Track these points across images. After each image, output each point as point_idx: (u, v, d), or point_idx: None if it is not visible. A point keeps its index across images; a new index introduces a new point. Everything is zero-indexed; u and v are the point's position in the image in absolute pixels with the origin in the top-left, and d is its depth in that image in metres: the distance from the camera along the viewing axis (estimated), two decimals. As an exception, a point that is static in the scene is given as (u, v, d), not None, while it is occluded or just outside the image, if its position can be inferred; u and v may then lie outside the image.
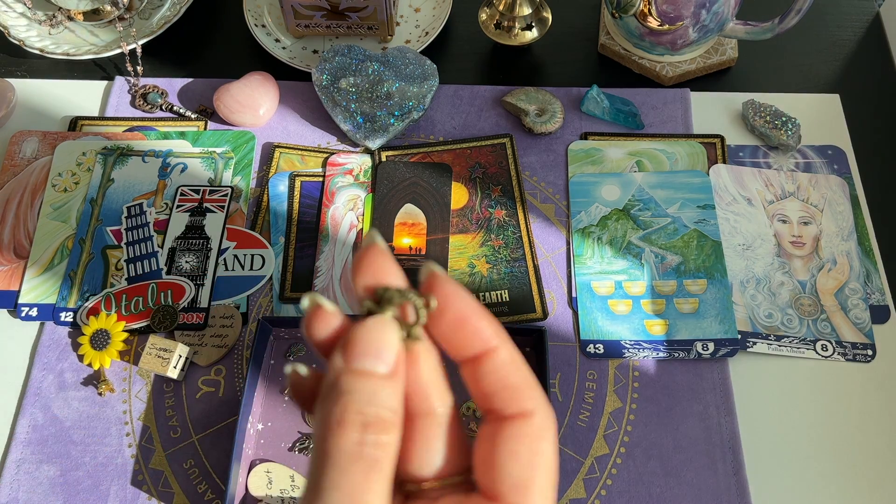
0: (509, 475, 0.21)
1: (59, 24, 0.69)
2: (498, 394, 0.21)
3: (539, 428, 0.21)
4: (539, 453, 0.21)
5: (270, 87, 0.65)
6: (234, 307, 0.56)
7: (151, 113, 0.66)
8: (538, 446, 0.21)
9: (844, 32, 0.70)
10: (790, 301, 0.56)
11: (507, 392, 0.21)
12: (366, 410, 0.20)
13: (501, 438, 0.21)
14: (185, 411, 0.53)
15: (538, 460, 0.21)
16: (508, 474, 0.21)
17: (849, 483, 0.50)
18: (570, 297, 0.57)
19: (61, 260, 0.58)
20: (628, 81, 0.67)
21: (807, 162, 0.62)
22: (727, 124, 0.64)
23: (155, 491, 0.50)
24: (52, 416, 0.53)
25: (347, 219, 0.60)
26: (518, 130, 0.64)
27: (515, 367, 0.22)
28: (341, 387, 0.20)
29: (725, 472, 0.50)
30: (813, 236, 0.58)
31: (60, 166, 0.62)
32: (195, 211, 0.60)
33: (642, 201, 0.60)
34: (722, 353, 0.54)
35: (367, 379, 0.20)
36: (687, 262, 0.57)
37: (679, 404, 0.53)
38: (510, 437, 0.21)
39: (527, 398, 0.21)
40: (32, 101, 0.67)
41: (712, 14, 0.60)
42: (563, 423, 0.52)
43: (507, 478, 0.21)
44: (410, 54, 0.64)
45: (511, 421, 0.21)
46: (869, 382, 0.53)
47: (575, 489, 0.50)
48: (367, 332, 0.21)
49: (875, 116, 0.65)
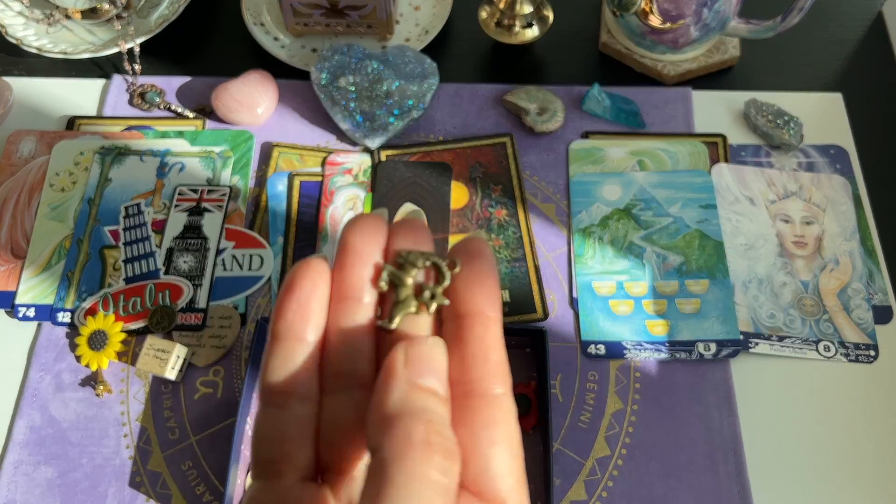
0: (501, 470, 0.20)
1: (56, 22, 0.69)
2: (471, 368, 0.21)
3: (505, 411, 0.21)
4: (517, 451, 0.21)
5: (269, 85, 0.64)
6: (233, 308, 0.56)
7: (149, 112, 0.65)
8: (516, 446, 0.21)
9: (847, 31, 0.69)
10: (792, 301, 0.55)
11: (479, 367, 0.21)
12: (445, 434, 0.19)
13: (489, 441, 0.20)
14: (184, 412, 0.53)
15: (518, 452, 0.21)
16: (497, 471, 0.20)
17: (851, 484, 0.50)
18: (571, 298, 0.56)
19: (59, 260, 0.58)
20: (629, 80, 0.66)
21: (809, 161, 0.62)
22: (729, 123, 0.64)
23: (153, 493, 0.50)
24: (49, 418, 0.53)
25: (347, 218, 0.60)
26: (518, 129, 0.64)
27: (497, 345, 0.21)
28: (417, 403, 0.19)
29: (727, 473, 0.50)
30: (815, 236, 0.58)
31: (58, 166, 0.62)
32: (193, 211, 0.60)
33: (644, 201, 0.60)
34: (724, 354, 0.53)
35: (437, 400, 0.20)
36: (689, 262, 0.57)
37: (681, 405, 0.52)
38: (495, 432, 0.21)
39: (500, 381, 0.21)
40: (30, 100, 0.66)
41: (714, 12, 0.60)
42: (564, 424, 0.52)
43: (498, 476, 0.20)
44: (410, 53, 0.64)
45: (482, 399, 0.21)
46: (871, 383, 0.53)
47: (576, 491, 0.50)
48: (430, 350, 0.20)
49: (878, 116, 0.65)
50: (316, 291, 0.22)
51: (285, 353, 0.22)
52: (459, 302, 0.22)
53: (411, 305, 0.22)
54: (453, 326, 0.22)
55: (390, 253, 0.22)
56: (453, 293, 0.22)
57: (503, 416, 0.21)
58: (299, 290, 0.22)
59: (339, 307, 0.22)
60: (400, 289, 0.22)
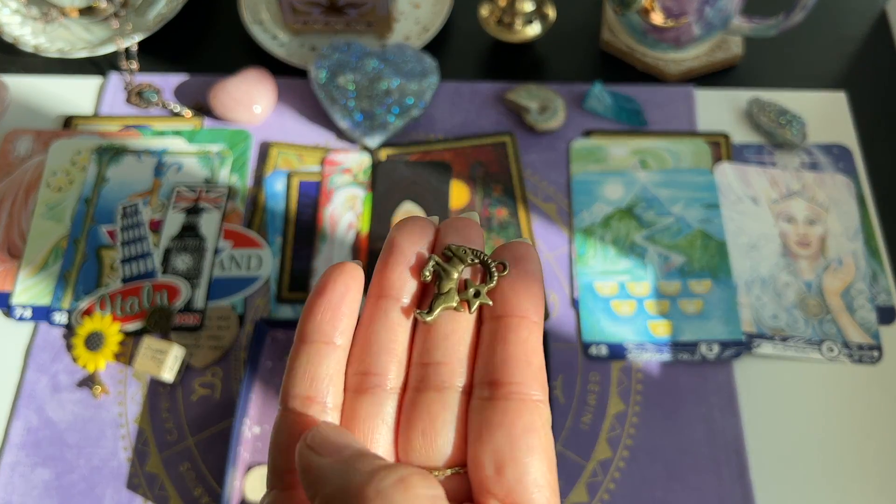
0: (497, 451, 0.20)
1: (53, 20, 0.68)
2: (514, 370, 0.20)
3: (544, 419, 0.20)
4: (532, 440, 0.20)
5: (267, 83, 0.64)
6: (231, 308, 0.55)
7: (147, 111, 0.65)
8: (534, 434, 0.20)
9: (850, 29, 0.69)
10: (796, 302, 0.55)
11: (522, 370, 0.20)
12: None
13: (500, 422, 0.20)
14: (181, 414, 0.52)
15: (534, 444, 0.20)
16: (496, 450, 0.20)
17: (855, 485, 0.50)
18: (572, 298, 0.56)
19: (55, 260, 0.57)
20: (631, 78, 0.66)
21: (812, 160, 0.61)
22: (732, 122, 0.63)
23: (150, 495, 0.50)
24: (46, 419, 0.52)
25: (346, 218, 0.59)
26: (519, 128, 0.63)
27: (539, 351, 0.21)
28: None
29: (730, 475, 0.50)
30: (819, 236, 0.58)
31: (54, 165, 0.61)
32: (191, 210, 0.59)
33: (646, 200, 0.59)
34: (727, 355, 0.53)
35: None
36: (691, 262, 0.56)
37: (683, 406, 0.52)
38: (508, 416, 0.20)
39: (541, 388, 0.21)
40: (26, 98, 0.66)
41: (716, 10, 0.59)
42: (565, 425, 0.51)
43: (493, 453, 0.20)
44: (410, 51, 0.63)
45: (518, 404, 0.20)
46: (875, 384, 0.53)
47: (577, 493, 0.49)
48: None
49: (881, 114, 0.64)
50: (348, 295, 0.21)
51: (312, 355, 0.21)
52: (504, 303, 0.21)
53: (453, 300, 0.21)
54: (496, 326, 0.21)
55: (439, 246, 0.22)
56: (498, 294, 0.21)
57: (542, 424, 0.20)
58: (332, 292, 0.21)
59: (377, 304, 0.22)
60: (444, 281, 0.21)
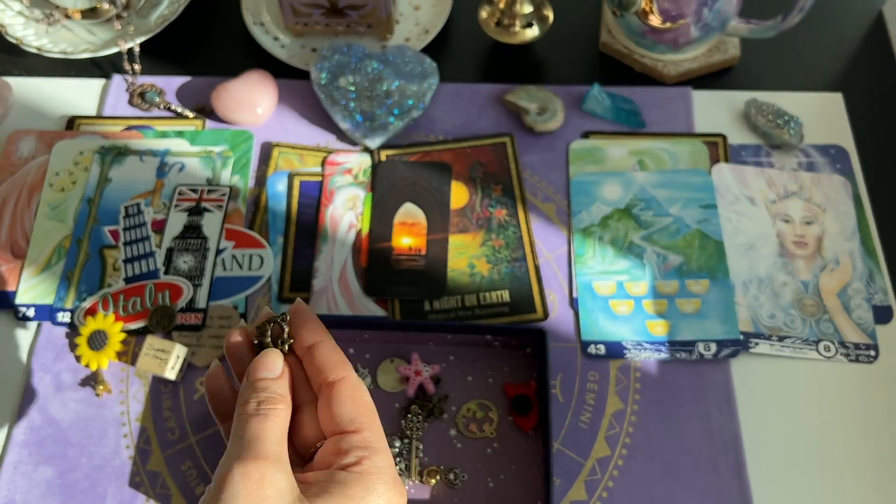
0: (345, 415, 0.32)
1: (56, 22, 0.69)
2: (325, 368, 0.33)
3: (354, 384, 0.33)
4: (359, 398, 0.33)
5: (269, 85, 0.64)
6: (233, 308, 0.56)
7: (149, 112, 0.65)
8: (357, 394, 0.33)
9: (847, 31, 0.69)
10: (793, 301, 0.55)
11: (330, 367, 0.33)
12: (261, 395, 0.32)
13: (333, 397, 0.32)
14: (183, 412, 0.53)
15: (360, 402, 0.33)
16: (343, 415, 0.32)
17: (852, 484, 0.50)
18: (571, 298, 0.56)
19: (58, 260, 0.58)
20: (630, 80, 0.66)
21: (809, 161, 0.62)
22: (729, 123, 0.64)
23: (153, 493, 0.50)
24: (49, 418, 0.52)
25: (346, 218, 0.59)
26: (519, 129, 0.64)
27: (333, 352, 0.34)
28: (249, 386, 0.33)
29: (728, 473, 0.50)
30: (816, 236, 0.58)
31: (58, 166, 0.62)
32: (193, 210, 0.60)
33: (644, 201, 0.60)
34: (724, 354, 0.53)
35: (263, 381, 0.33)
36: (689, 262, 0.57)
37: (681, 405, 0.52)
38: (337, 394, 0.32)
39: (341, 369, 0.33)
40: (29, 99, 0.66)
41: (714, 12, 0.59)
42: (564, 424, 0.52)
43: (344, 417, 0.32)
44: (410, 52, 0.64)
45: (335, 384, 0.33)
46: (872, 383, 0.53)
47: (576, 491, 0.50)
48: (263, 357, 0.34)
49: (878, 115, 0.64)
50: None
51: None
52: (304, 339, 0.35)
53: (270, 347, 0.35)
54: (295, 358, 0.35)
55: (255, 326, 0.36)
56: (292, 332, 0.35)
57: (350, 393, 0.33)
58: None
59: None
60: (263, 339, 0.35)
